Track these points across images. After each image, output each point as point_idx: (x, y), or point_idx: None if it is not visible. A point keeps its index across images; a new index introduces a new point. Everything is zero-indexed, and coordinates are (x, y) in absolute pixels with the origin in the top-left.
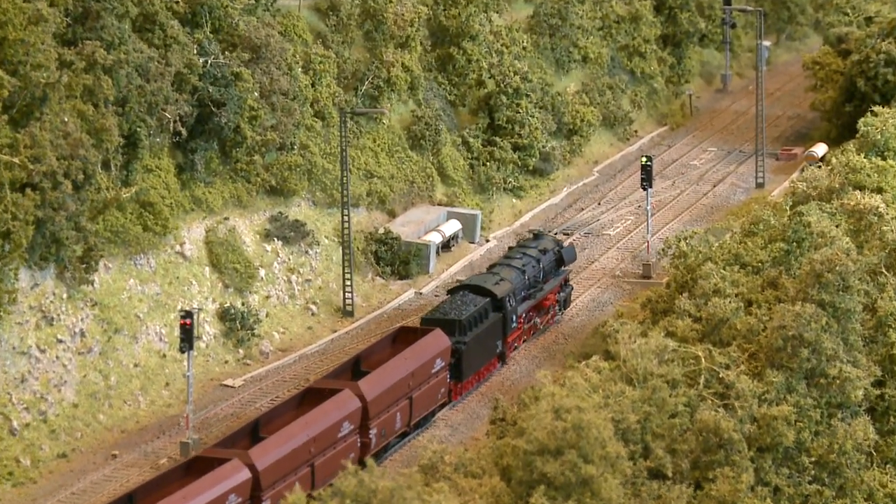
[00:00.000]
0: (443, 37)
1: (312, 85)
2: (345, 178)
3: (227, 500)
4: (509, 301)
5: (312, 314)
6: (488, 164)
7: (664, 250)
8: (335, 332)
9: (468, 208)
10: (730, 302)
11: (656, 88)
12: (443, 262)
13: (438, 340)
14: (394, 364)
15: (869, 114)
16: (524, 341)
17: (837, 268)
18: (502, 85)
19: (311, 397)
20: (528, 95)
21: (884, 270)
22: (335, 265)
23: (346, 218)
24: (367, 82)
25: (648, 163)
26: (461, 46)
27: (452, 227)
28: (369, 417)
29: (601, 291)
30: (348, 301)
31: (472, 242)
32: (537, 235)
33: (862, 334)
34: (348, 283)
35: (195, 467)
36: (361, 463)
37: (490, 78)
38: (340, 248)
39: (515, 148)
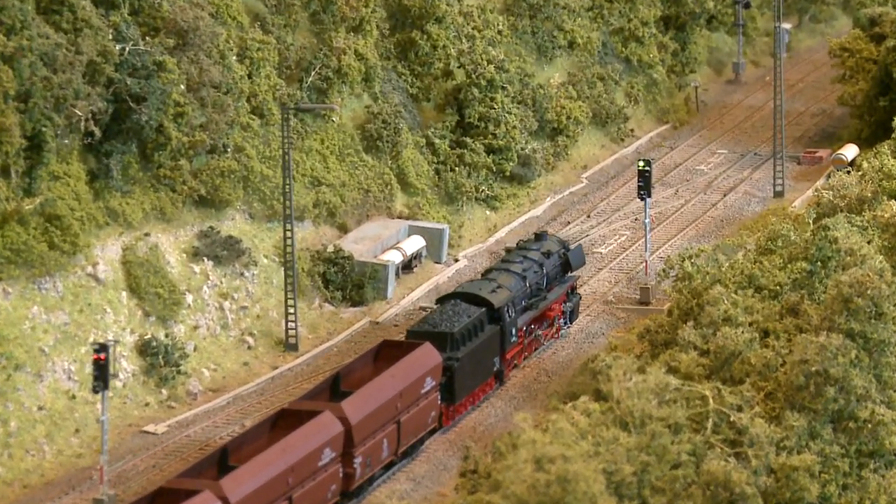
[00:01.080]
0: (403, 19)
1: (249, 76)
2: (287, 187)
3: None
4: (508, 311)
5: (249, 348)
6: (457, 169)
7: (665, 271)
8: (276, 368)
9: (433, 222)
10: (742, 332)
11: (656, 80)
12: (403, 286)
13: (428, 356)
14: (380, 383)
15: None
16: (525, 358)
17: (869, 291)
18: (474, 76)
19: (285, 421)
20: (504, 88)
21: None
22: (276, 290)
23: (289, 234)
24: (313, 73)
25: (647, 168)
26: (425, 30)
27: (415, 244)
28: (354, 444)
29: (591, 320)
30: (292, 332)
31: (439, 262)
32: (539, 236)
33: None
34: (291, 311)
35: (158, 502)
36: (344, 495)
37: (459, 67)
38: (282, 269)
39: (490, 150)
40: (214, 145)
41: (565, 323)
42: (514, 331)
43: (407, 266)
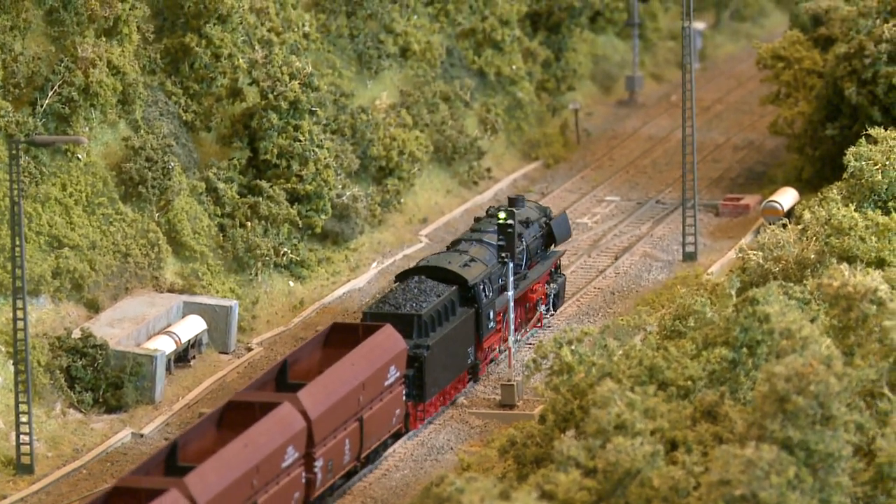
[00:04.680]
0: (174, 18)
1: None
2: (17, 250)
3: None
4: (484, 290)
5: None
6: (249, 224)
7: (536, 362)
8: (3, 497)
9: (217, 297)
10: (642, 443)
11: (521, 100)
12: (177, 385)
13: (391, 341)
14: (338, 371)
15: (863, 140)
16: (502, 353)
17: (812, 387)
18: (271, 96)
19: (234, 415)
20: (313, 112)
21: (886, 391)
22: (2, 391)
23: (19, 314)
24: (51, 92)
25: (509, 220)
26: (204, 33)
27: (192, 327)
28: (314, 443)
29: (436, 429)
30: (25, 449)
31: (225, 352)
32: (514, 201)
33: (852, 493)
34: (24, 419)
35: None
36: None
37: (251, 84)
38: (10, 363)
39: (294, 198)
40: None
41: (548, 309)
42: (491, 314)
43: (182, 357)
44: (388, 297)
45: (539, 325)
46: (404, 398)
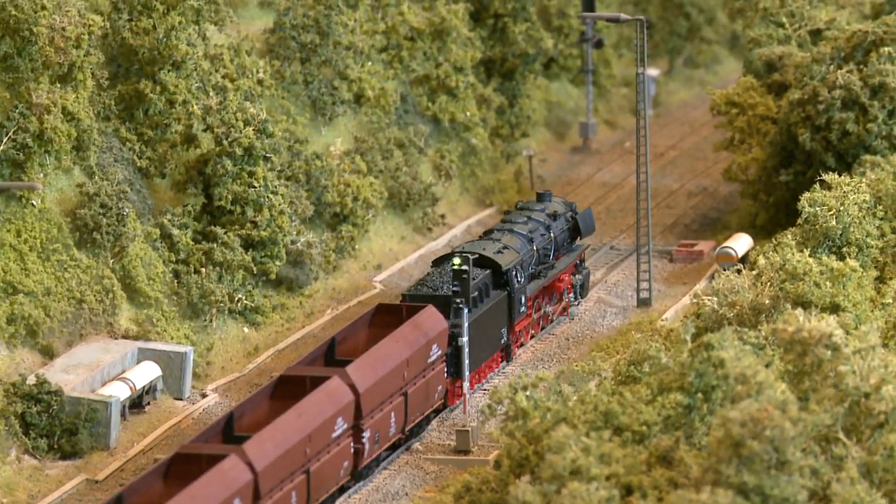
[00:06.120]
0: (128, 64)
1: None
2: None
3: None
4: (517, 276)
5: None
6: (204, 270)
7: (491, 408)
8: None
9: (172, 343)
10: (597, 489)
11: (475, 147)
12: (132, 431)
13: (433, 321)
14: (385, 348)
15: (817, 185)
16: (532, 336)
17: (768, 432)
18: (226, 142)
19: (285, 389)
20: (267, 159)
21: (841, 436)
22: None
23: None
24: (5, 139)
25: (464, 267)
26: (158, 80)
27: (147, 373)
28: (362, 415)
29: (391, 475)
30: None
31: (180, 398)
32: (542, 196)
33: None
34: None
35: (175, 469)
36: (354, 476)
37: (206, 131)
38: None
39: (248, 244)
40: None
41: (574, 298)
42: (523, 299)
43: (137, 403)
44: (425, 280)
45: (565, 313)
46: (445, 375)
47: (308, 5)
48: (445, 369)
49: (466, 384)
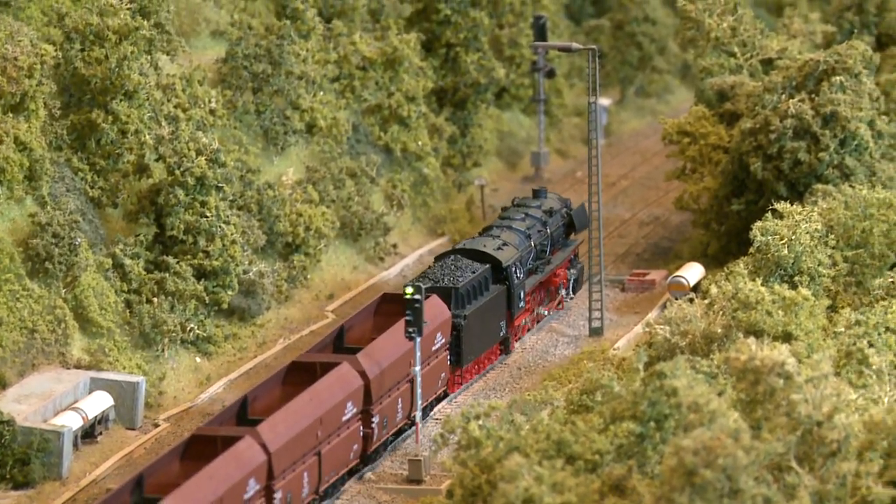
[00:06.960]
0: (80, 94)
1: None
2: None
3: (246, 486)
4: (516, 271)
5: None
6: (156, 300)
7: (443, 437)
8: None
9: (124, 373)
10: None
11: (427, 176)
12: (84, 460)
13: (437, 310)
14: (392, 336)
15: (769, 214)
16: (528, 330)
17: (721, 460)
18: (178, 172)
19: (296, 375)
20: (219, 188)
21: (794, 464)
22: None
23: None
24: None
25: (416, 296)
26: (110, 109)
27: (99, 403)
28: (371, 401)
29: None
30: None
31: (132, 428)
32: (538, 192)
33: None
34: None
35: (192, 450)
36: (363, 459)
37: (158, 160)
38: None
39: (201, 274)
40: None
41: (568, 293)
42: (521, 294)
43: (89, 433)
44: (427, 273)
45: (560, 307)
46: (448, 363)
47: (260, 35)
48: (448, 357)
49: (419, 413)
